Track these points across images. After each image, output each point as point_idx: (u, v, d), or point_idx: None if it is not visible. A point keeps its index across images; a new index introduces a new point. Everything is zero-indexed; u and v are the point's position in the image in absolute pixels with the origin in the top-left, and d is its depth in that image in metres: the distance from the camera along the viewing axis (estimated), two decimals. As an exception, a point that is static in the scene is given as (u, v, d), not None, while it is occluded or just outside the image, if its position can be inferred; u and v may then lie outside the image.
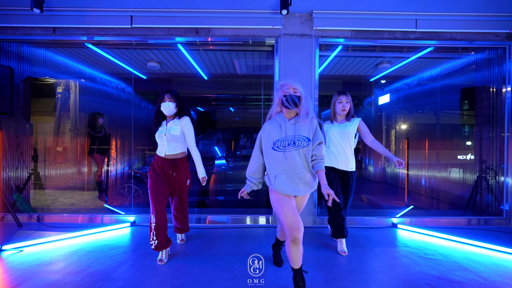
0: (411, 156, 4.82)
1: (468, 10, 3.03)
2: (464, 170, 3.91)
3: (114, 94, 4.94)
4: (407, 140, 4.82)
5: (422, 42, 3.20)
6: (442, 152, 4.43)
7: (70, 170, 4.47)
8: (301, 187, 1.65)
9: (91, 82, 4.57)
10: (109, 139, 4.78)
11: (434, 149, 4.54)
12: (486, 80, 3.53)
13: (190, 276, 1.94)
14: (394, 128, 5.35)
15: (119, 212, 3.36)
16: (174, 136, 2.19)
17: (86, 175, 4.69)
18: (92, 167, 4.82)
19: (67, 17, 3.05)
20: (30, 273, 1.97)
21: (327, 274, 1.98)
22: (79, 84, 4.36)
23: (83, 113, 4.61)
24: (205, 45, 3.39)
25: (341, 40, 3.18)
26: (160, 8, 3.02)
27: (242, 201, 3.62)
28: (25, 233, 2.76)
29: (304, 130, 1.65)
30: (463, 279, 1.95)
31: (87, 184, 4.64)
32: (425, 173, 4.57)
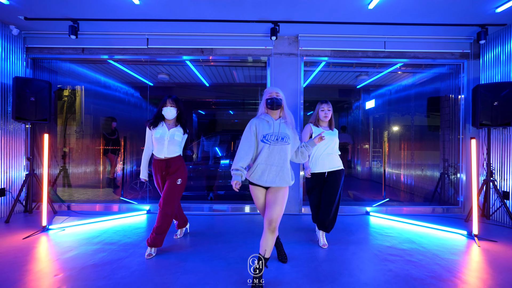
0: (392, 156, 5.44)
1: (428, 34, 3.65)
2: (433, 168, 4.52)
3: (125, 100, 5.55)
4: (387, 140, 5.44)
5: (390, 59, 3.82)
6: (416, 151, 5.04)
7: (88, 168, 5.06)
8: (277, 180, 1.85)
9: (107, 89, 5.17)
10: (123, 140, 5.37)
11: (410, 149, 5.16)
12: (448, 90, 4.15)
13: (200, 246, 2.54)
14: (380, 130, 5.97)
15: (133, 203, 3.95)
16: (176, 141, 2.39)
17: (101, 173, 5.28)
18: (107, 165, 5.42)
19: (94, 39, 3.66)
20: (77, 243, 2.57)
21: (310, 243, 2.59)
22: (98, 92, 4.97)
23: (99, 117, 5.21)
24: (208, 62, 4.00)
25: (324, 58, 3.80)
26: (171, 32, 3.63)
27: (242, 194, 4.22)
28: (61, 218, 3.36)
29: (288, 130, 1.92)
30: (408, 247, 2.56)
31: (103, 181, 5.24)
32: (403, 170, 5.18)
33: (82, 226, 3.09)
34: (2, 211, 3.42)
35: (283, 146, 1.85)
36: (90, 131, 5.16)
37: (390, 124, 5.66)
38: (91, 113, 5.08)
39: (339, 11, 3.10)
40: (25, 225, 3.11)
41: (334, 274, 2.02)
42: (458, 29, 3.49)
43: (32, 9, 3.10)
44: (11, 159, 3.50)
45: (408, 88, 5.09)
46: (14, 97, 3.21)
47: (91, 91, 4.85)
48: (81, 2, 2.93)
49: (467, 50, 3.74)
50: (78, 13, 3.17)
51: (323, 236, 2.60)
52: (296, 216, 3.60)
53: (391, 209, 3.85)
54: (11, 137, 3.51)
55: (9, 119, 3.46)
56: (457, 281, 1.95)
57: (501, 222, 3.38)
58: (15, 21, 3.35)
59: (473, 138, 2.82)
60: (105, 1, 2.92)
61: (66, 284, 1.85)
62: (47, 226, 2.91)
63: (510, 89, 3.17)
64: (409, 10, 3.05)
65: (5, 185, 3.43)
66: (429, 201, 4.32)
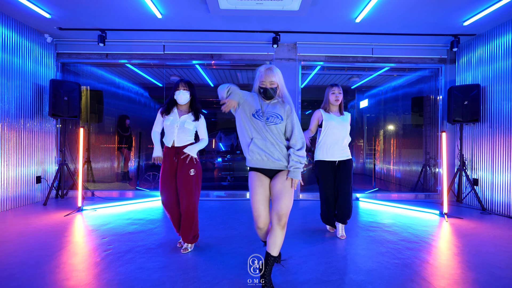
0: (383, 151, 5.96)
1: (410, 42, 4.16)
2: (418, 164, 5.05)
3: (136, 99, 6.05)
4: (378, 137, 5.96)
5: (377, 64, 4.34)
6: (403, 149, 5.57)
7: (105, 163, 5.55)
8: (270, 163, 1.66)
9: (121, 90, 5.67)
10: (139, 136, 5.87)
11: (398, 146, 5.68)
12: (430, 91, 4.68)
13: (211, 227, 3.06)
14: (372, 128, 6.49)
15: (148, 191, 4.45)
16: (186, 129, 2.17)
17: (116, 167, 5.79)
18: (121, 160, 5.92)
19: (117, 46, 4.16)
20: (111, 219, 3.07)
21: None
22: (113, 92, 5.47)
23: (114, 115, 5.71)
24: (217, 66, 4.52)
25: (319, 63, 4.32)
26: (185, 39, 4.14)
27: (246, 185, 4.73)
28: (90, 202, 3.85)
29: (278, 109, 1.68)
30: (387, 223, 3.07)
31: (117, 174, 5.73)
32: (392, 164, 5.70)
33: (110, 208, 3.59)
34: (39, 196, 3.91)
35: (272, 126, 1.64)
36: (107, 127, 5.64)
37: (381, 123, 6.19)
38: (109, 111, 5.58)
39: (331, 23, 3.61)
40: (61, 207, 3.61)
41: (326, 239, 2.53)
42: (436, 38, 4.01)
43: (67, 21, 3.59)
44: (44, 152, 3.99)
45: (396, 89, 5.62)
46: (51, 96, 3.70)
47: (108, 92, 5.34)
48: (110, 15, 3.43)
49: (444, 56, 4.27)
50: (106, 24, 3.67)
51: (342, 228, 2.54)
52: (294, 201, 4.11)
53: (379, 196, 4.37)
54: (46, 131, 4.01)
55: (44, 115, 3.96)
56: (422, 243, 2.46)
57: (470, 205, 3.91)
58: (50, 30, 3.85)
59: (443, 131, 3.34)
60: (132, 15, 3.41)
61: (113, 243, 2.35)
62: (81, 207, 3.40)
63: (477, 90, 3.69)
64: (391, 22, 3.56)
65: (40, 173, 3.93)
66: (413, 190, 4.84)
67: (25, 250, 2.19)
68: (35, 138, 3.82)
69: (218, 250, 2.25)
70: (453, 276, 1.85)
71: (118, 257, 2.08)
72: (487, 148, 3.69)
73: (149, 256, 2.11)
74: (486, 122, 3.72)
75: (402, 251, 2.25)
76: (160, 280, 1.74)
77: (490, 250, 2.28)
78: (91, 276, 1.80)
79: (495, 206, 3.57)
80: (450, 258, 2.14)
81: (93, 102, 4.87)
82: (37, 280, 1.73)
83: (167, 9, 3.25)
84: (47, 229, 2.70)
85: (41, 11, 3.24)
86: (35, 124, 3.83)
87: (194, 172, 2.16)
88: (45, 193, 3.96)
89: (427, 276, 1.83)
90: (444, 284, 1.73)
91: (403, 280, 1.77)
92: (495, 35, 3.58)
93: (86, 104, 4.88)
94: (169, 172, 2.17)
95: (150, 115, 6.39)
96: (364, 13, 3.24)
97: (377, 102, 6.29)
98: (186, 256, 2.12)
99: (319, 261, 2.05)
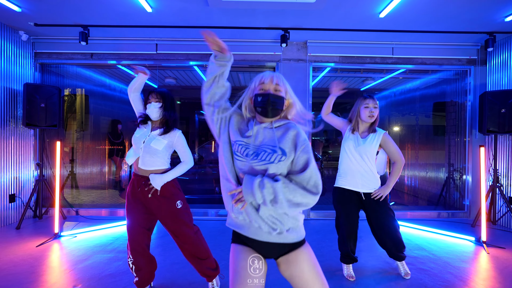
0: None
1: (436, 40, 3.67)
2: (438, 172, 4.57)
3: (128, 101, 5.55)
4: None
5: (398, 66, 3.85)
6: (421, 154, 5.08)
7: (94, 170, 5.06)
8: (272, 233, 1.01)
9: (112, 91, 5.17)
10: (130, 143, 5.38)
11: (414, 152, 5.19)
12: (453, 95, 4.19)
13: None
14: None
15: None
16: (153, 149, 1.67)
17: (107, 175, 5.29)
18: (112, 168, 5.43)
19: (103, 45, 3.65)
20: (91, 251, 2.59)
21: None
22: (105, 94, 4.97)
23: (102, 118, 5.21)
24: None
25: (331, 64, 3.82)
26: (181, 37, 3.64)
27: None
28: (71, 224, 3.37)
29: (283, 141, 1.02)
30: (419, 255, 2.59)
31: (108, 183, 5.25)
32: (407, 174, 5.22)
33: (93, 232, 3.11)
34: (12, 216, 3.42)
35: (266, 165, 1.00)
36: (93, 132, 5.14)
37: (394, 127, 5.70)
38: (95, 115, 5.08)
39: (350, 19, 3.11)
40: (36, 231, 3.12)
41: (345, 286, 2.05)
42: (467, 36, 3.51)
43: (43, 16, 3.09)
44: (20, 164, 3.50)
45: (412, 91, 5.12)
46: (25, 103, 3.20)
47: (96, 93, 4.84)
48: (93, 9, 2.93)
49: (474, 57, 3.77)
50: (89, 20, 3.17)
51: (402, 265, 2.17)
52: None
53: (397, 214, 3.88)
54: (20, 142, 3.51)
55: (18, 124, 3.46)
56: (470, 290, 1.99)
57: (507, 227, 3.43)
58: (25, 27, 3.34)
59: (482, 146, 2.86)
60: (117, 9, 2.91)
61: (87, 295, 1.87)
62: (59, 233, 2.92)
63: (517, 97, 3.21)
64: (419, 18, 3.06)
65: (15, 191, 3.43)
66: (434, 205, 4.37)
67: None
68: (8, 151, 3.33)
69: None
70: None
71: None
72: (527, 162, 3.21)
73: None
74: (525, 133, 3.23)
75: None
76: None
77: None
78: None
79: (537, 230, 3.10)
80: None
81: (78, 107, 4.38)
82: None
83: (158, 1, 2.75)
84: (8, 268, 2.21)
85: (8, 3, 2.74)
86: (8, 134, 3.33)
87: (181, 204, 1.73)
88: (20, 213, 3.47)
89: None
90: None
91: None
92: (539, 33, 3.09)
93: (71, 109, 4.38)
94: (136, 210, 1.73)
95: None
96: (391, 6, 2.74)
97: (388, 106, 5.80)
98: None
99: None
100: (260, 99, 1.05)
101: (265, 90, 1.06)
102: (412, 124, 5.33)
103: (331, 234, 3.14)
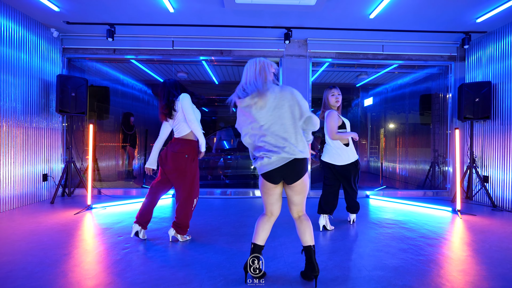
0: (391, 149, 5.96)
1: (421, 39, 4.15)
2: (425, 162, 5.05)
3: (139, 96, 5.97)
4: (384, 136, 5.96)
5: (388, 61, 4.33)
6: (410, 148, 5.57)
7: (110, 161, 5.47)
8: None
9: (125, 87, 5.58)
10: (145, 134, 5.79)
11: (404, 145, 5.68)
12: (438, 89, 4.68)
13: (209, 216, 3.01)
14: (378, 126, 6.49)
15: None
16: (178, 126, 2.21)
17: (121, 165, 5.70)
18: (125, 158, 5.83)
19: (125, 41, 4.08)
20: (122, 217, 3.01)
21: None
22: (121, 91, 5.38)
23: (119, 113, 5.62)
24: (224, 62, 4.46)
25: (329, 60, 4.29)
26: (194, 35, 4.07)
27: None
28: (97, 200, 3.78)
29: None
30: (402, 219, 3.06)
31: (122, 173, 5.65)
32: (398, 163, 5.70)
33: (120, 206, 3.53)
34: (45, 194, 3.83)
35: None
36: (111, 125, 5.55)
37: (387, 121, 6.19)
38: (113, 109, 5.49)
39: (344, 19, 3.58)
40: (69, 205, 3.53)
41: (345, 235, 2.51)
42: (446, 35, 4.00)
43: (75, 14, 3.50)
44: (51, 149, 3.91)
45: (403, 87, 5.61)
46: (58, 92, 3.61)
47: (113, 89, 5.25)
48: (121, 8, 3.35)
49: (454, 53, 4.27)
50: (115, 19, 3.59)
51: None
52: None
53: (388, 193, 4.36)
54: (52, 130, 3.92)
55: (50, 113, 3.87)
56: (441, 239, 2.45)
57: (481, 202, 3.92)
58: (56, 24, 3.75)
59: (457, 128, 3.34)
60: (143, 8, 3.34)
61: (130, 242, 2.30)
62: (91, 205, 3.33)
63: (488, 87, 3.70)
64: (404, 19, 3.54)
65: (47, 171, 3.84)
66: (421, 188, 4.85)
67: (40, 248, 2.13)
68: (41, 136, 3.74)
69: (239, 247, 2.21)
70: (479, 272, 1.83)
71: (138, 256, 2.04)
72: (498, 145, 3.70)
73: (170, 254, 2.06)
74: (497, 119, 3.73)
75: (424, 247, 2.24)
76: (186, 279, 1.70)
77: (510, 246, 2.28)
78: (114, 275, 1.75)
79: (505, 203, 3.58)
80: (473, 255, 2.13)
81: (98, 99, 4.78)
82: (58, 279, 1.67)
83: (181, 2, 3.18)
84: (58, 228, 2.63)
85: (49, 4, 3.15)
86: (42, 121, 3.74)
87: (187, 156, 2.21)
88: (51, 191, 3.88)
89: (454, 272, 1.82)
90: (473, 280, 1.71)
91: (432, 276, 1.75)
92: (507, 33, 3.58)
93: (92, 101, 4.78)
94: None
95: (154, 112, 6.30)
96: (379, 9, 3.21)
97: (382, 100, 6.29)
98: (208, 254, 2.08)
99: (343, 258, 2.03)
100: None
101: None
102: (403, 118, 5.82)
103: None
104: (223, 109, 7.79)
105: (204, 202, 3.84)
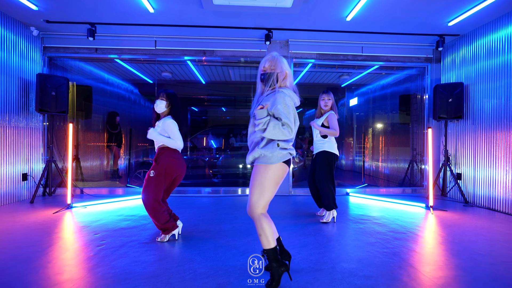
0: (373, 148, 6.11)
1: (398, 41, 4.29)
2: (405, 158, 5.21)
3: (125, 96, 5.95)
4: (367, 135, 6.11)
5: (367, 62, 4.45)
6: (392, 143, 5.73)
7: (94, 161, 5.43)
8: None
9: (110, 86, 5.55)
10: (129, 133, 5.77)
11: (386, 143, 5.84)
12: (417, 90, 4.84)
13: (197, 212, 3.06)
14: (361, 125, 6.64)
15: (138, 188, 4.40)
16: (153, 136, 2.24)
17: (106, 165, 5.67)
18: (110, 158, 5.80)
19: (107, 40, 4.07)
20: (102, 216, 3.03)
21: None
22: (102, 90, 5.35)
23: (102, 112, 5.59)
24: (209, 62, 4.50)
25: (311, 60, 4.38)
26: (177, 35, 4.10)
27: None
28: (79, 200, 3.78)
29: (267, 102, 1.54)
30: (376, 215, 3.17)
31: (107, 173, 5.63)
32: (381, 161, 5.86)
33: (101, 205, 3.53)
34: (24, 194, 3.80)
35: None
36: (96, 125, 5.52)
37: (370, 120, 6.34)
38: (97, 108, 5.45)
39: (322, 21, 3.67)
40: (49, 204, 3.52)
41: (318, 230, 2.60)
42: (422, 37, 4.15)
43: (54, 13, 3.49)
44: (31, 149, 3.88)
45: (385, 88, 5.77)
46: (38, 91, 3.59)
47: (97, 88, 5.23)
48: (100, 8, 3.36)
49: (430, 55, 4.42)
50: (96, 18, 3.59)
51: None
52: (287, 196, 4.17)
53: (370, 191, 4.49)
54: (31, 129, 3.89)
55: (30, 112, 3.84)
56: (409, 233, 2.56)
57: (454, 198, 4.09)
58: (36, 23, 3.73)
59: (430, 127, 3.48)
60: (122, 8, 3.36)
61: (106, 239, 2.33)
62: (71, 204, 3.33)
63: (461, 88, 3.86)
64: (380, 21, 3.66)
65: (26, 170, 3.81)
66: (401, 185, 5.00)
67: (13, 246, 2.14)
68: (21, 135, 3.71)
69: (213, 243, 2.27)
70: (437, 262, 1.94)
71: (111, 252, 2.07)
72: (470, 144, 3.87)
73: (143, 250, 2.10)
74: (469, 119, 3.89)
75: (391, 241, 2.34)
76: (156, 272, 1.75)
77: (472, 239, 2.41)
78: (85, 270, 1.78)
79: (476, 199, 3.75)
80: (435, 247, 2.24)
81: (81, 98, 4.75)
82: (28, 275, 1.70)
83: (160, 3, 3.22)
84: (35, 226, 2.64)
85: (27, 3, 3.14)
86: (21, 120, 3.71)
87: (153, 173, 2.24)
88: (31, 191, 3.85)
89: (414, 263, 1.92)
90: (429, 270, 1.82)
91: (392, 267, 1.85)
92: (478, 36, 3.75)
93: (73, 100, 4.75)
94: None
95: (140, 112, 6.29)
96: (354, 12, 3.31)
97: (366, 100, 6.44)
98: (181, 249, 2.13)
99: (312, 252, 2.11)
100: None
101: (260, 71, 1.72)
102: (384, 118, 5.97)
103: (308, 204, 3.69)
104: (212, 109, 7.84)
105: (187, 200, 3.88)
